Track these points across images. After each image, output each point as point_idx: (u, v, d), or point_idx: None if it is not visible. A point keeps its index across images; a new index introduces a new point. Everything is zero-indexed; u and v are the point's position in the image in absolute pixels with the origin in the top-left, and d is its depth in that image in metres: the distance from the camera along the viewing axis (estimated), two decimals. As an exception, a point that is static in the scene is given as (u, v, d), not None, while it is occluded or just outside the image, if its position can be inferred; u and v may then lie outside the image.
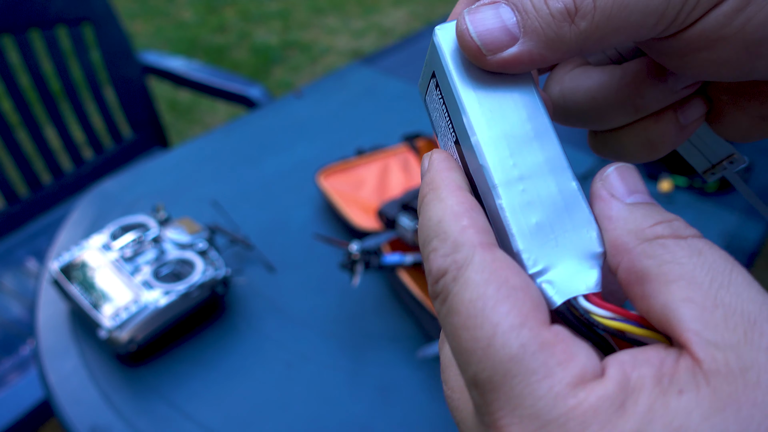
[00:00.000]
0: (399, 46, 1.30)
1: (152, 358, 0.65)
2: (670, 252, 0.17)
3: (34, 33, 1.20)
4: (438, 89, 0.21)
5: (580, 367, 0.15)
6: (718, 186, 0.88)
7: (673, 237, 0.17)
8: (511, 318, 0.16)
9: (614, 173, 0.19)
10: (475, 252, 0.17)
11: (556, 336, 0.16)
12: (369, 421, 0.60)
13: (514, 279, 0.17)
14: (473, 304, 0.16)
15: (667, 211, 0.18)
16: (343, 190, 0.84)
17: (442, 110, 0.21)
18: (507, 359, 0.16)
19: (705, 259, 0.16)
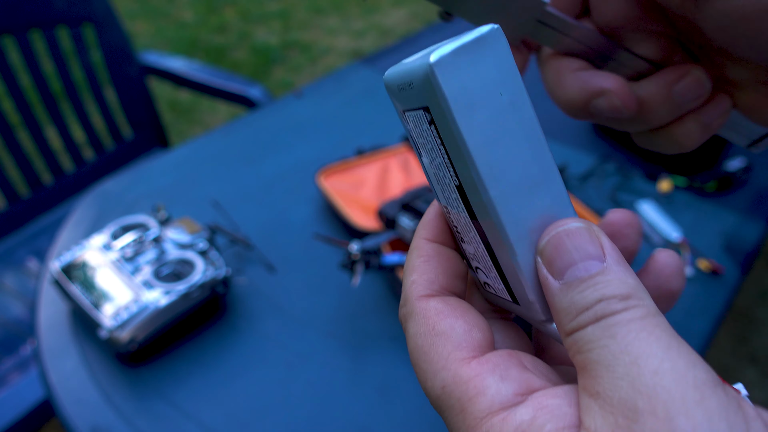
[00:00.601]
0: (399, 46, 1.30)
1: (153, 357, 0.65)
2: (580, 343, 0.17)
3: (35, 33, 1.21)
4: (434, 128, 0.19)
5: (488, 401, 0.18)
6: (717, 186, 0.88)
7: (593, 322, 0.17)
8: (433, 363, 0.19)
9: (549, 245, 0.19)
10: (414, 305, 0.21)
11: (472, 371, 0.18)
12: (369, 421, 0.60)
13: (440, 325, 0.20)
14: (412, 353, 0.20)
15: (598, 286, 0.17)
16: (343, 190, 0.84)
17: (439, 150, 0.20)
18: (435, 398, 0.19)
19: (603, 344, 0.16)
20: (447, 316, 0.20)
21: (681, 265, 0.21)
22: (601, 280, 0.17)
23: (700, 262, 0.75)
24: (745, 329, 1.62)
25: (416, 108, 0.20)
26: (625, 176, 0.91)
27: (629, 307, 0.17)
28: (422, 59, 0.18)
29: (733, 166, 0.90)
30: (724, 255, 0.77)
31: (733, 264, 0.76)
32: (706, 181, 0.89)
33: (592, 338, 0.17)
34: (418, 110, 0.20)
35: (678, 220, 0.82)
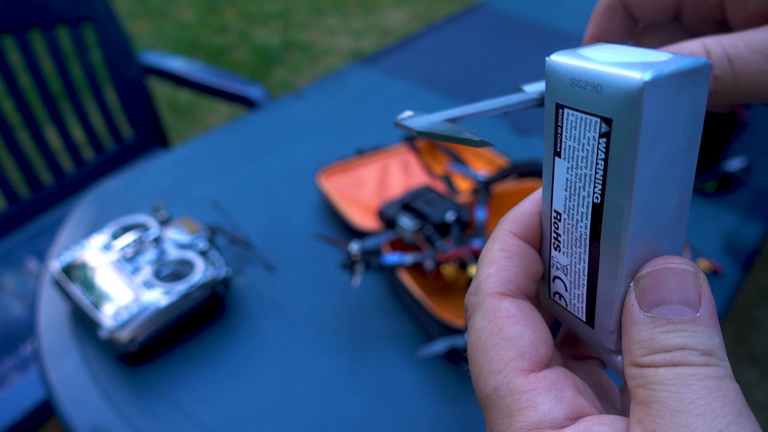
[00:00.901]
0: (399, 47, 1.30)
1: (153, 358, 0.65)
2: (645, 378, 0.17)
3: (35, 33, 1.20)
4: (604, 141, 0.18)
5: (539, 416, 0.18)
6: (717, 186, 0.88)
7: (659, 366, 0.17)
8: (492, 364, 0.19)
9: (649, 277, 0.19)
10: (485, 299, 0.21)
11: (528, 384, 0.19)
12: (369, 421, 0.60)
13: (509, 329, 0.20)
14: (472, 345, 0.21)
15: (684, 333, 0.18)
16: (343, 190, 0.84)
17: (594, 163, 0.19)
18: (485, 396, 0.20)
19: (670, 388, 0.17)
20: (517, 322, 0.20)
21: None
22: (689, 328, 0.18)
23: (700, 262, 0.75)
24: (745, 329, 1.62)
25: (589, 113, 0.19)
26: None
27: (709, 364, 0.17)
28: (629, 69, 0.17)
29: (733, 166, 0.90)
30: (724, 255, 0.77)
31: (733, 264, 0.76)
32: (706, 181, 0.89)
33: (664, 380, 0.17)
34: (589, 115, 0.19)
35: (678, 220, 0.82)
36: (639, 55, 0.18)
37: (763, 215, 0.85)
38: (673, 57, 0.18)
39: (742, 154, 0.93)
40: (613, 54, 0.19)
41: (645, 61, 0.18)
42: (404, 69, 1.21)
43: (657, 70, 0.17)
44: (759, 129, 1.03)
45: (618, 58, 0.18)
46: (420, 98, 1.12)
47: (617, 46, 0.20)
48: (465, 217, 0.68)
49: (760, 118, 1.05)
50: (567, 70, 0.19)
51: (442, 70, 1.22)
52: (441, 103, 1.10)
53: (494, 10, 1.45)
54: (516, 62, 1.23)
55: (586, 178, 0.19)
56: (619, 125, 0.18)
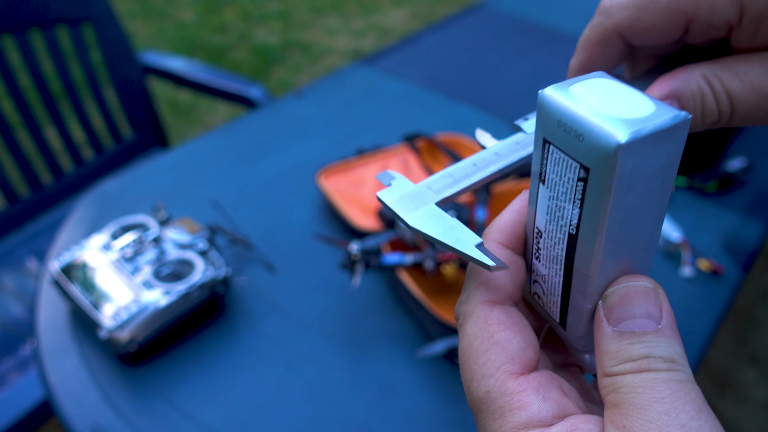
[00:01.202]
0: (399, 46, 1.30)
1: (153, 358, 0.65)
2: (615, 385, 0.19)
3: (35, 33, 1.20)
4: (581, 185, 0.20)
5: (528, 415, 0.20)
6: (717, 186, 0.88)
7: (635, 372, 0.19)
8: (484, 368, 0.21)
9: (615, 295, 0.21)
10: (477, 308, 0.22)
11: (519, 386, 0.20)
12: (369, 421, 0.60)
13: (500, 335, 0.21)
14: (464, 351, 0.22)
15: (649, 344, 0.19)
16: (343, 190, 0.84)
17: (572, 200, 0.20)
18: (476, 399, 0.21)
19: (638, 390, 0.18)
20: (507, 328, 0.21)
21: None
22: (652, 339, 0.20)
23: (700, 262, 0.75)
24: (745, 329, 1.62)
25: (571, 156, 0.20)
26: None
27: (671, 369, 0.19)
28: (609, 124, 0.18)
29: (733, 166, 0.90)
30: (724, 255, 0.77)
31: (733, 264, 0.76)
32: (707, 181, 0.89)
33: (631, 384, 0.19)
34: (571, 158, 0.20)
35: (678, 220, 0.82)
36: (625, 102, 0.19)
37: (763, 215, 0.85)
38: (656, 110, 0.19)
39: (742, 154, 0.93)
40: (600, 97, 0.19)
41: (627, 115, 0.18)
42: (404, 69, 1.21)
43: (635, 131, 0.18)
44: (759, 129, 1.03)
45: (603, 105, 0.19)
46: (420, 98, 1.12)
47: (609, 83, 0.20)
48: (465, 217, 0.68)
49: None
50: (555, 110, 0.20)
51: (442, 70, 1.22)
52: (441, 102, 1.10)
53: (494, 10, 1.45)
54: (516, 62, 1.23)
55: (564, 210, 0.21)
56: (596, 175, 0.19)
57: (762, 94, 0.22)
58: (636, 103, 0.19)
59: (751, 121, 0.23)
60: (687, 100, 0.23)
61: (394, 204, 0.23)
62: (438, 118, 1.05)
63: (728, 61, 0.23)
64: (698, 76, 0.22)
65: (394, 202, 0.23)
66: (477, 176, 0.24)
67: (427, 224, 0.22)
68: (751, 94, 0.22)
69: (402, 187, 0.24)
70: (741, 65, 0.22)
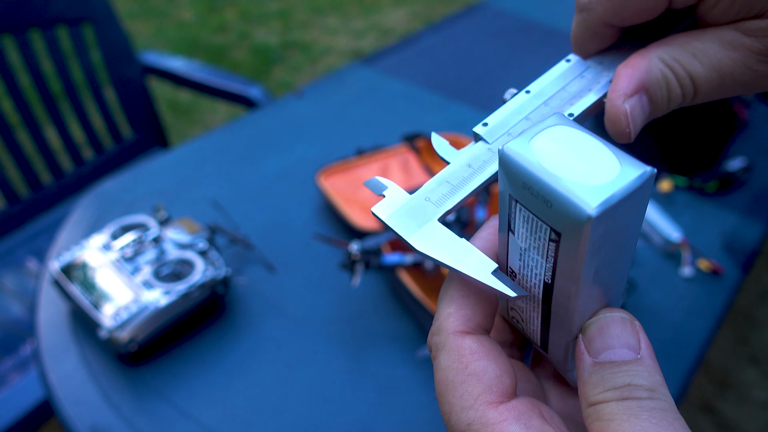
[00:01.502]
0: (399, 46, 1.30)
1: (153, 358, 0.65)
2: (599, 415, 0.19)
3: (35, 33, 1.20)
4: (553, 245, 0.20)
5: None
6: (718, 186, 0.88)
7: (617, 400, 0.19)
8: (462, 400, 0.20)
9: (593, 327, 0.21)
10: (448, 339, 0.22)
11: (500, 416, 0.20)
12: (369, 421, 0.60)
13: (474, 365, 0.21)
14: (440, 385, 0.21)
15: (629, 373, 0.20)
16: (343, 190, 0.84)
17: (545, 256, 0.20)
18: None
19: (623, 420, 0.19)
20: (481, 357, 0.21)
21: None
22: (632, 368, 0.20)
23: (700, 262, 0.75)
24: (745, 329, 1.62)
25: (540, 219, 0.19)
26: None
27: (653, 398, 0.19)
28: (577, 193, 0.18)
29: (733, 166, 0.90)
30: (724, 255, 0.77)
31: (733, 264, 0.76)
32: (707, 181, 0.89)
33: (615, 412, 0.19)
34: (540, 221, 0.19)
35: (678, 220, 0.82)
36: (588, 160, 0.19)
37: (763, 215, 0.85)
38: (620, 170, 0.18)
39: (742, 154, 0.93)
40: (563, 155, 0.19)
41: (594, 180, 0.18)
42: (404, 69, 1.21)
43: (604, 200, 0.18)
44: (759, 129, 1.03)
45: (568, 165, 0.18)
46: (420, 98, 1.12)
47: (569, 133, 0.20)
48: (465, 217, 0.68)
49: (760, 117, 1.05)
50: (520, 172, 0.19)
51: (442, 69, 1.22)
52: (441, 102, 1.10)
53: (494, 10, 1.45)
54: (516, 62, 1.22)
55: (537, 262, 0.21)
56: (567, 240, 0.19)
57: (722, 72, 0.22)
58: (600, 161, 0.19)
59: (713, 98, 0.23)
60: (654, 90, 0.23)
61: (394, 222, 0.22)
62: (438, 118, 1.05)
63: (681, 40, 0.23)
64: (658, 62, 0.23)
65: (393, 219, 0.22)
66: (475, 181, 0.23)
67: (435, 247, 0.21)
68: (711, 73, 0.22)
69: (397, 198, 0.23)
70: (696, 44, 0.22)
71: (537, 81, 0.25)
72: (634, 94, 0.23)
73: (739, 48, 0.22)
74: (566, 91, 0.25)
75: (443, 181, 0.23)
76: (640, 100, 0.23)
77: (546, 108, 0.24)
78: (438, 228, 0.22)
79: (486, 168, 0.24)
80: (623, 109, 0.23)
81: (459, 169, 0.24)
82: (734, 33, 0.22)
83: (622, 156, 0.19)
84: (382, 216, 0.22)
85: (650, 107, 0.23)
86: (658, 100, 0.23)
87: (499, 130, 0.24)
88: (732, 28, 0.22)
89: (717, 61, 0.22)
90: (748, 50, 0.22)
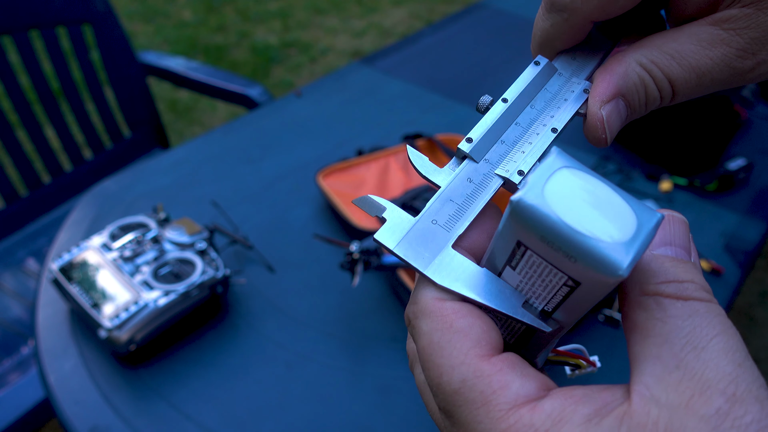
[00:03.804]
0: (399, 46, 1.30)
1: (152, 358, 0.65)
2: (661, 310, 0.18)
3: (34, 33, 1.20)
4: (567, 289, 0.19)
5: (513, 393, 0.18)
6: (718, 186, 0.88)
7: (673, 297, 0.18)
8: (452, 359, 0.19)
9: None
10: (428, 304, 0.20)
11: (494, 367, 0.19)
12: (369, 421, 0.60)
13: (459, 323, 0.20)
14: (424, 350, 0.20)
15: (690, 272, 0.19)
16: (343, 190, 0.84)
17: (555, 294, 0.20)
18: (452, 393, 0.19)
19: (691, 322, 0.17)
20: (465, 315, 0.20)
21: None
22: (691, 268, 0.19)
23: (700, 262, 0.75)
24: (745, 329, 1.62)
25: (557, 267, 0.19)
26: (626, 176, 0.91)
27: (713, 301, 0.18)
28: (606, 254, 0.17)
29: (733, 166, 0.90)
30: (724, 255, 0.77)
31: (733, 264, 0.76)
32: (707, 181, 0.89)
33: (683, 315, 0.18)
34: (556, 269, 0.19)
35: (678, 220, 0.82)
36: (604, 211, 0.18)
37: (763, 215, 0.85)
38: (637, 221, 0.18)
39: (742, 154, 0.93)
40: (579, 207, 0.18)
41: (615, 234, 0.18)
42: (404, 69, 1.21)
43: (632, 258, 0.17)
44: (759, 129, 1.03)
45: (586, 219, 0.18)
46: (420, 98, 1.12)
47: (578, 179, 0.19)
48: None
49: (760, 117, 1.05)
50: (538, 226, 0.18)
51: (442, 69, 1.21)
52: (441, 102, 1.10)
53: (494, 10, 1.45)
54: (516, 62, 1.22)
55: (540, 296, 0.20)
56: (587, 288, 0.18)
57: (700, 71, 0.22)
58: (614, 211, 0.18)
59: (691, 97, 0.23)
60: (631, 95, 0.23)
61: (405, 252, 0.21)
62: (438, 118, 1.05)
63: (658, 42, 0.23)
64: (636, 66, 0.22)
65: (403, 249, 0.21)
66: (481, 199, 0.22)
67: (456, 279, 0.20)
68: (690, 74, 0.22)
69: (400, 222, 0.21)
70: (672, 45, 0.22)
71: (512, 88, 0.25)
72: (611, 100, 0.23)
73: (718, 45, 0.22)
74: (547, 90, 0.25)
75: (447, 199, 0.22)
76: (617, 105, 0.23)
77: (532, 110, 0.24)
78: (454, 256, 0.21)
79: (489, 183, 0.23)
80: (600, 116, 0.23)
81: (460, 184, 0.22)
82: (711, 29, 0.22)
83: (632, 202, 0.19)
84: (389, 245, 0.21)
85: (627, 111, 0.23)
86: (635, 104, 0.23)
87: (488, 143, 0.23)
88: (708, 23, 0.22)
89: (695, 61, 0.22)
90: (728, 46, 0.22)
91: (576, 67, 0.25)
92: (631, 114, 0.23)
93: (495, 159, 0.23)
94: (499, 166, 0.23)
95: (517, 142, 0.23)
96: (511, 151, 0.23)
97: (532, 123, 0.24)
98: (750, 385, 0.16)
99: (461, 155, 0.23)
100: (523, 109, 0.24)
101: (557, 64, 0.25)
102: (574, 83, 0.25)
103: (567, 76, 0.25)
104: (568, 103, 0.24)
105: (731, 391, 0.16)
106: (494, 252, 0.21)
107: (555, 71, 0.25)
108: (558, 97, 0.24)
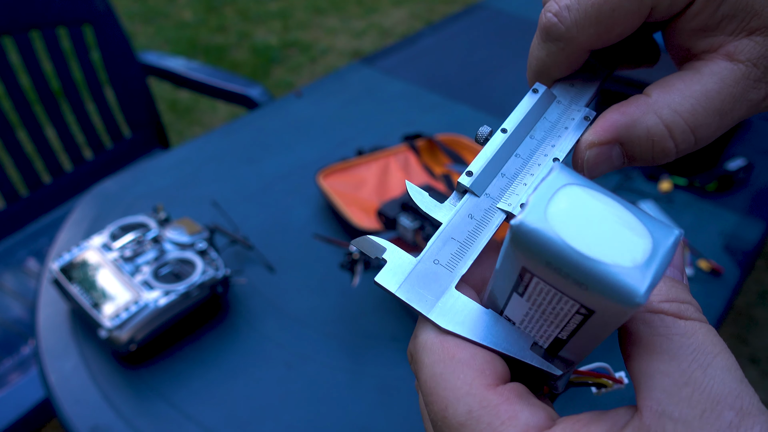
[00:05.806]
0: (399, 46, 1.30)
1: (152, 358, 0.65)
2: (666, 327, 0.18)
3: (35, 33, 1.20)
4: (579, 317, 0.18)
5: (523, 424, 0.18)
6: (717, 186, 0.88)
7: (675, 316, 0.18)
8: (456, 390, 0.19)
9: None
10: (428, 338, 0.20)
11: (500, 396, 0.18)
12: (369, 421, 0.60)
13: (461, 354, 0.19)
14: (427, 383, 0.19)
15: (686, 293, 0.19)
16: (343, 190, 0.84)
17: (568, 322, 0.19)
18: (458, 425, 0.18)
19: (694, 340, 0.18)
20: (466, 347, 0.20)
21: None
22: (685, 290, 0.20)
23: (700, 262, 0.75)
24: (745, 329, 1.62)
25: (567, 295, 0.18)
26: (625, 176, 0.91)
27: (707, 323, 0.19)
28: (621, 282, 0.16)
29: (733, 166, 0.90)
30: (724, 255, 0.77)
31: (733, 264, 0.76)
32: (707, 181, 0.89)
33: (688, 333, 0.18)
34: (566, 296, 0.18)
35: (678, 220, 0.82)
36: (615, 233, 0.17)
37: (763, 215, 0.85)
38: (653, 243, 0.17)
39: (742, 154, 0.93)
40: (586, 228, 0.17)
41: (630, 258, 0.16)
42: (404, 69, 1.21)
43: (649, 284, 0.16)
44: (759, 129, 1.03)
45: (596, 242, 0.17)
46: (420, 98, 1.12)
47: (582, 197, 0.17)
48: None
49: (760, 117, 1.05)
50: (543, 251, 0.17)
51: (442, 69, 1.22)
52: (441, 102, 1.10)
53: (494, 10, 1.45)
54: (516, 62, 1.22)
55: (552, 325, 0.19)
56: (602, 316, 0.17)
57: (723, 112, 0.21)
58: (626, 229, 0.17)
59: (708, 142, 0.22)
60: (632, 146, 0.21)
61: (407, 295, 0.20)
62: (438, 118, 1.05)
63: (680, 86, 0.21)
64: (654, 118, 0.21)
65: (405, 292, 0.20)
66: (483, 236, 0.21)
67: (461, 323, 0.20)
68: (714, 118, 0.21)
69: (402, 264, 0.21)
70: (696, 88, 0.21)
71: (510, 118, 0.24)
72: (605, 144, 0.22)
73: (741, 81, 0.21)
74: (547, 120, 0.24)
75: (448, 238, 0.22)
76: (610, 151, 0.22)
77: (532, 141, 0.23)
78: (458, 298, 0.20)
79: (491, 219, 0.22)
80: (582, 156, 0.22)
81: (461, 221, 0.22)
82: (731, 66, 0.21)
83: (645, 219, 0.17)
84: (390, 288, 0.20)
85: (624, 160, 0.22)
86: (638, 155, 0.22)
87: (488, 176, 0.23)
88: (724, 58, 0.21)
89: (719, 102, 0.21)
90: (747, 79, 0.21)
91: (574, 94, 0.25)
92: (630, 163, 0.22)
93: (496, 193, 0.23)
94: (501, 200, 0.22)
95: (519, 174, 0.23)
96: (512, 183, 0.23)
97: (533, 153, 0.23)
98: (752, 399, 0.17)
99: (462, 189, 0.23)
100: (522, 139, 0.24)
101: (555, 92, 0.25)
102: (574, 110, 0.24)
103: (566, 104, 0.24)
104: (569, 132, 0.23)
105: (739, 405, 0.16)
106: (497, 281, 0.20)
107: (554, 98, 0.24)
108: (558, 126, 0.24)
